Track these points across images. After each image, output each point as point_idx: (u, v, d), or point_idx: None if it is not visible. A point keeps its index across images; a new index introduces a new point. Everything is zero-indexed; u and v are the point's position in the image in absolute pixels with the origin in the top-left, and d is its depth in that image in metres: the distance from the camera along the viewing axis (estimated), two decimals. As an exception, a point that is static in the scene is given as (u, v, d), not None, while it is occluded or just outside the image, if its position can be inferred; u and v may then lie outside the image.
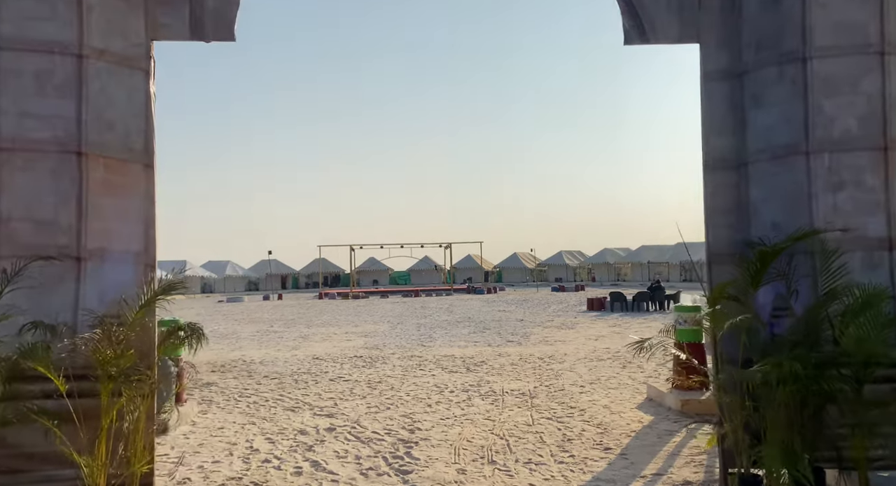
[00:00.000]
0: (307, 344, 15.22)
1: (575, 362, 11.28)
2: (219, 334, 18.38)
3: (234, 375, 10.56)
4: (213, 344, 15.97)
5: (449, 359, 11.95)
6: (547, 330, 17.33)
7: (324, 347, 14.56)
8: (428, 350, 13.43)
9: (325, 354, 13.17)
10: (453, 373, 10.28)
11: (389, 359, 12.17)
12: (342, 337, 16.80)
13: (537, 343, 14.31)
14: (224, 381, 9.92)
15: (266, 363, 11.88)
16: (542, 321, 20.31)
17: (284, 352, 13.69)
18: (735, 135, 4.68)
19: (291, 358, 12.58)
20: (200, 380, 10.03)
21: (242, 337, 17.45)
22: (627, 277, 63.76)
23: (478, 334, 16.57)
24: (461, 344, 14.46)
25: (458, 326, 19.41)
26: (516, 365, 10.97)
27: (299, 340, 16.34)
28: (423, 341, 15.38)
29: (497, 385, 9.06)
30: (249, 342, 15.94)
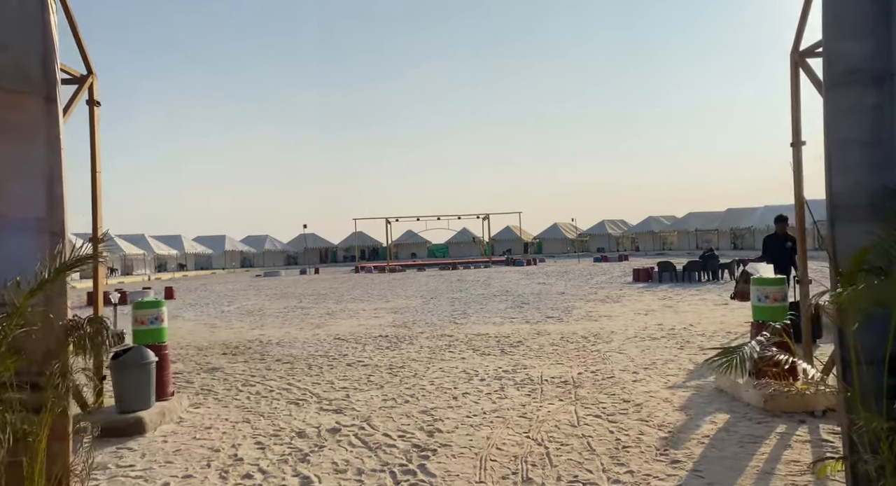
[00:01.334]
0: (332, 322, 14.29)
1: (624, 341, 9.96)
2: (245, 311, 17.70)
3: (246, 358, 9.65)
4: (234, 322, 15.31)
5: (482, 339, 10.78)
6: (590, 304, 15.96)
7: (349, 325, 13.59)
8: (460, 328, 12.29)
9: (348, 333, 12.18)
10: (486, 356, 9.10)
11: (417, 339, 11.08)
12: (370, 314, 15.82)
13: (580, 319, 12.99)
14: (232, 365, 9.00)
15: (283, 344, 10.96)
16: (584, 294, 18.91)
17: (306, 331, 12.77)
18: (877, 35, 3.23)
19: (311, 338, 11.62)
20: (208, 364, 9.15)
21: (267, 314, 16.69)
22: (674, 245, 61.22)
23: (515, 310, 15.34)
24: (496, 321, 13.27)
25: (495, 300, 18.21)
26: (557, 346, 9.72)
27: (325, 317, 15.44)
28: (456, 317, 14.25)
29: (535, 371, 7.84)
30: (273, 320, 15.13)
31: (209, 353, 10.27)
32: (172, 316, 17.64)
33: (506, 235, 71.38)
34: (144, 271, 54.16)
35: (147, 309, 6.24)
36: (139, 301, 6.33)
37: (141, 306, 6.25)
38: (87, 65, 5.82)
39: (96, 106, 5.85)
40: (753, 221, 50.76)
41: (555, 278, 27.78)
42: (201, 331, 13.45)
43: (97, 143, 5.85)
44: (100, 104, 5.90)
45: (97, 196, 5.86)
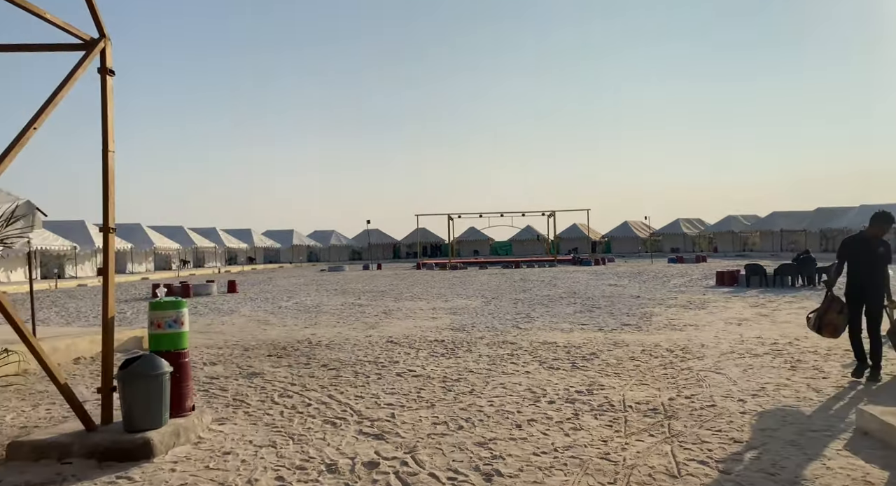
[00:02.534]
0: (387, 322, 13.42)
1: (719, 358, 8.50)
2: (301, 307, 17.17)
3: (290, 362, 8.85)
4: (289, 319, 14.73)
5: (549, 348, 9.57)
6: (672, 310, 14.37)
7: (404, 326, 12.66)
8: (524, 334, 11.11)
9: (402, 336, 11.25)
10: (554, 370, 7.90)
11: (476, 345, 10.00)
12: (428, 314, 14.87)
13: (662, 328, 11.53)
14: (274, 370, 8.21)
15: (333, 346, 10.14)
16: (663, 299, 17.25)
17: (359, 332, 11.94)
18: None
19: (363, 340, 10.76)
20: (249, 367, 8.40)
21: (323, 311, 16.05)
22: (756, 246, 57.33)
23: (585, 315, 13.99)
24: (565, 327, 11.99)
25: (562, 303, 16.87)
26: (638, 360, 8.39)
27: (381, 316, 14.60)
28: (520, 321, 13.07)
29: (615, 393, 6.59)
30: (328, 318, 14.43)
31: (254, 354, 9.57)
32: (229, 311, 17.45)
33: (572, 233, 69.16)
34: (215, 263, 55.73)
35: (165, 310, 5.44)
36: (155, 301, 5.55)
37: (158, 307, 5.46)
38: (100, 27, 5.05)
39: (109, 75, 5.08)
40: (847, 221, 46.59)
41: (627, 280, 26.00)
42: (252, 328, 12.88)
43: (110, 118, 5.08)
44: (113, 73, 5.13)
45: (109, 179, 5.08)
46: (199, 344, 10.63)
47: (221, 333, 12.23)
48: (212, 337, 11.59)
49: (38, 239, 33.49)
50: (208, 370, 8.25)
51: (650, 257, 52.89)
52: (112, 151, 5.11)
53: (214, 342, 10.86)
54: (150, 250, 45.17)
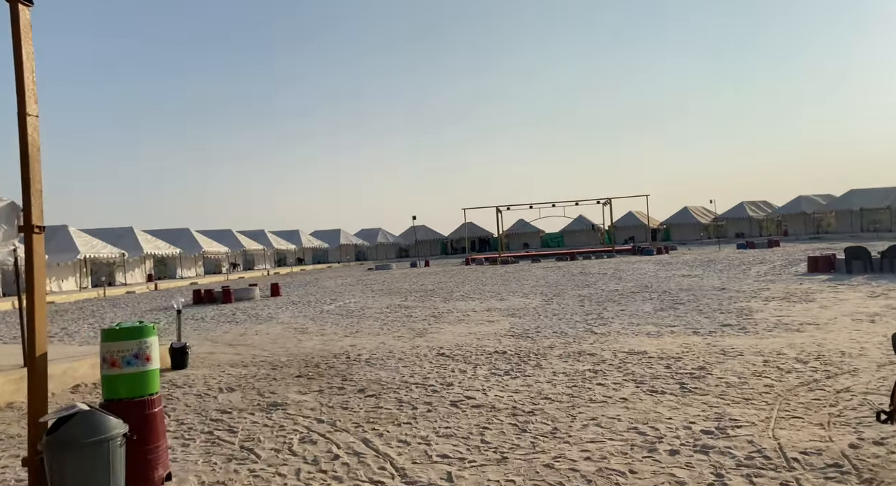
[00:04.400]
0: (437, 327, 11.72)
1: (877, 370, 6.40)
2: (345, 311, 15.69)
3: (322, 385, 7.25)
4: (329, 326, 13.19)
5: (641, 360, 7.65)
6: (773, 305, 12.13)
7: (456, 333, 10.93)
8: (603, 341, 9.20)
9: (455, 345, 9.52)
10: (659, 394, 6.00)
11: (547, 358, 8.17)
12: (483, 316, 13.09)
13: (773, 329, 9.40)
14: (300, 399, 6.61)
15: (374, 361, 8.50)
16: (754, 290, 14.93)
17: (405, 341, 10.28)
18: None
19: (409, 353, 9.08)
20: (272, 394, 6.83)
21: (367, 315, 14.50)
22: (831, 228, 52.94)
23: (669, 313, 11.92)
24: (651, 330, 10.01)
25: (636, 299, 14.80)
26: (767, 377, 6.38)
27: (430, 320, 12.92)
28: (593, 323, 11.14)
29: (760, 433, 4.66)
30: (371, 324, 12.86)
31: (281, 375, 8.03)
32: (267, 318, 16.16)
33: (628, 221, 65.98)
34: (264, 265, 55.53)
35: (120, 341, 3.85)
36: (108, 329, 3.97)
37: (111, 337, 3.87)
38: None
39: (24, 4, 3.51)
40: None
41: (701, 269, 23.52)
42: (288, 339, 11.42)
43: (26, 68, 3.50)
44: (31, 3, 3.56)
45: (30, 156, 3.52)
46: (222, 361, 9.20)
47: (252, 345, 10.81)
48: (240, 351, 10.16)
49: (86, 247, 33.49)
50: (222, 399, 6.73)
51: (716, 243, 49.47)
52: (32, 115, 3.54)
53: (241, 359, 9.41)
54: (199, 255, 45.09)
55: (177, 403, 6.60)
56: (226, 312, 17.77)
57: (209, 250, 46.02)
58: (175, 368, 8.63)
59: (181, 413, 6.17)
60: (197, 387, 7.38)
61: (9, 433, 5.79)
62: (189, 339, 12.20)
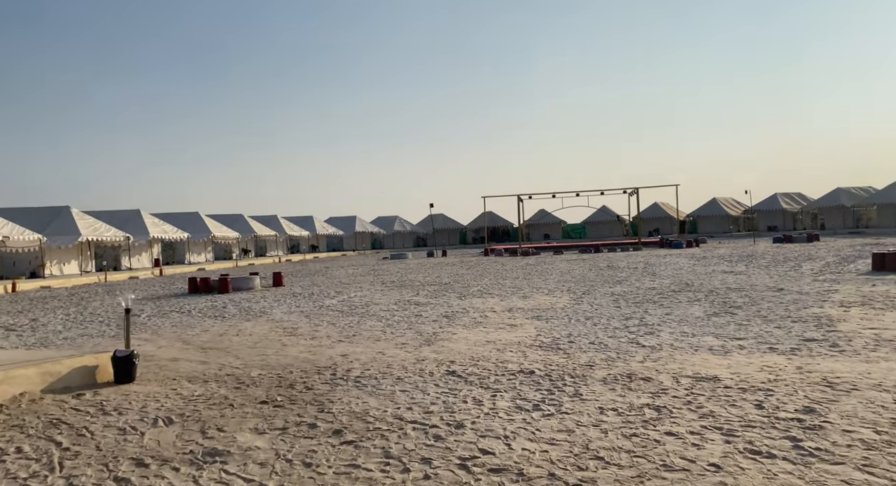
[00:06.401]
0: (449, 332, 9.86)
1: None
2: (348, 307, 13.91)
3: (290, 417, 5.43)
4: (323, 327, 11.05)
5: (714, 390, 5.72)
6: (856, 313, 10.05)
7: (472, 340, 9.06)
8: (655, 358, 7.26)
9: (469, 360, 7.64)
10: (765, 458, 4.07)
11: (587, 382, 6.27)
12: (504, 318, 11.20)
13: (875, 347, 7.38)
14: (253, 442, 4.79)
15: (364, 381, 6.67)
16: (820, 293, 12.81)
17: (409, 351, 8.44)
18: None
19: (412, 369, 7.23)
20: (220, 431, 5.04)
21: (371, 313, 12.70)
22: (871, 222, 49.90)
23: (727, 319, 9.92)
24: (713, 344, 8.04)
25: (679, 300, 12.78)
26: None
27: (441, 322, 11.06)
28: (636, 332, 9.19)
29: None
30: (373, 325, 11.04)
31: (244, 397, 6.24)
32: (258, 313, 14.36)
33: (653, 212, 63.40)
34: (276, 252, 54.16)
35: None
36: None
37: None
38: None
39: None
40: None
41: (742, 265, 21.33)
42: (270, 343, 9.65)
43: None
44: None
45: None
46: (181, 373, 7.45)
47: (226, 350, 9.06)
48: (208, 359, 8.41)
49: (88, 230, 32.19)
50: (149, 439, 4.94)
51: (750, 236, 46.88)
52: None
53: (205, 370, 7.65)
54: (208, 240, 43.73)
55: (85, 444, 4.82)
56: (217, 304, 16.10)
57: (219, 235, 44.65)
58: (119, 382, 6.89)
59: (82, 462, 4.39)
60: (128, 415, 5.61)
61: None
62: (162, 337, 10.52)
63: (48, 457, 4.49)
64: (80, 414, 5.64)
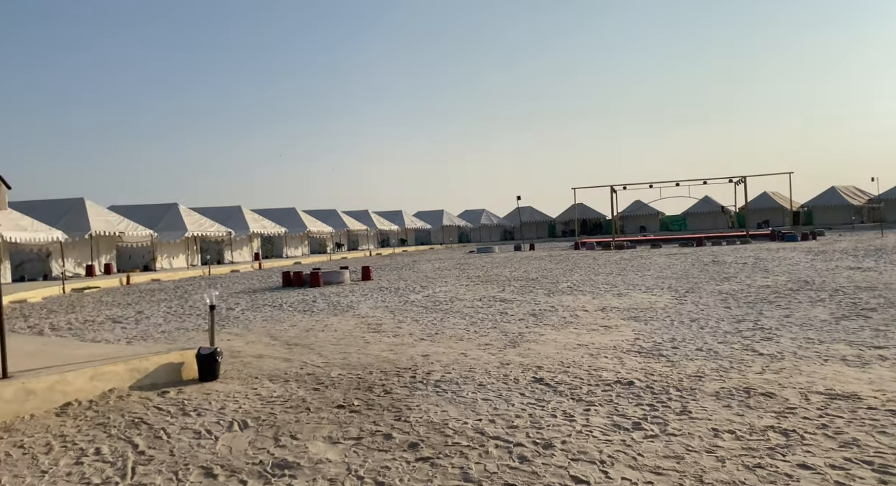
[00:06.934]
0: (536, 333, 9.25)
1: None
2: (432, 303, 13.63)
3: (366, 425, 5.09)
4: (406, 324, 10.46)
5: (855, 411, 4.81)
6: None
7: (562, 343, 8.41)
8: (777, 369, 6.31)
9: (559, 365, 7.02)
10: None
11: (696, 396, 5.50)
12: (596, 319, 10.43)
13: None
14: (325, 454, 4.49)
15: (445, 386, 6.24)
16: (975, 294, 10.98)
17: (493, 353, 7.94)
18: None
19: (496, 374, 6.72)
20: (293, 438, 4.80)
21: (455, 310, 12.33)
22: None
23: (858, 322, 8.65)
24: (844, 351, 6.93)
25: (798, 299, 11.41)
26: None
27: (528, 321, 10.47)
28: (750, 336, 8.17)
29: None
30: (456, 323, 10.64)
31: (321, 401, 6.00)
32: (345, 308, 14.39)
33: (761, 203, 58.89)
34: (367, 246, 55.38)
35: None
36: None
37: None
38: None
39: None
40: None
41: (871, 260, 19.02)
42: (354, 340, 9.48)
43: None
44: None
45: None
46: (264, 371, 7.37)
47: (310, 347, 8.96)
48: (292, 356, 8.33)
49: (194, 226, 34.16)
50: (222, 445, 4.76)
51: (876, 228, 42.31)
52: None
53: (287, 368, 7.54)
54: (304, 234, 45.39)
55: (160, 448, 4.71)
56: (308, 298, 16.36)
57: (314, 230, 46.19)
58: (203, 379, 6.89)
59: (153, 469, 4.26)
60: (206, 417, 5.51)
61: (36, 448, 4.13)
62: (252, 332, 10.67)
63: (123, 461, 4.40)
64: (161, 414, 5.61)
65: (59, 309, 15.98)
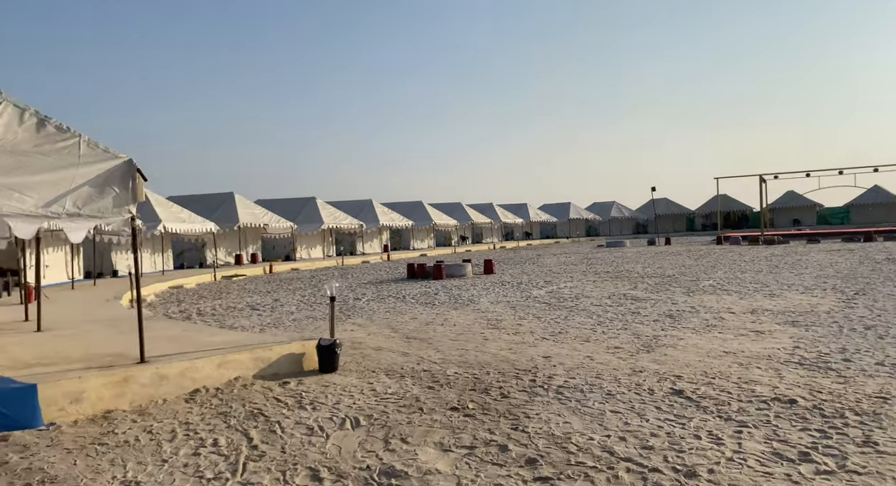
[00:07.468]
0: (673, 337, 8.33)
1: None
2: (556, 299, 13.01)
3: (479, 433, 4.71)
4: (527, 320, 10.17)
5: None
6: None
7: (704, 350, 7.46)
8: None
9: (701, 376, 6.16)
10: None
11: (884, 423, 4.48)
12: (745, 322, 9.23)
13: None
14: (434, 463, 4.16)
15: (568, 393, 5.68)
16: None
17: (623, 358, 7.20)
18: None
19: (626, 383, 6.03)
20: (398, 447, 4.54)
21: (580, 308, 11.61)
22: None
23: None
24: None
25: None
26: None
27: (664, 323, 9.52)
28: (953, 353, 6.68)
29: None
30: (582, 322, 9.95)
31: (435, 401, 5.71)
32: (466, 301, 14.12)
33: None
34: (491, 239, 55.28)
35: None
36: None
37: None
38: None
39: None
40: None
41: None
42: (473, 335, 9.16)
43: None
44: None
45: None
46: (381, 365, 7.26)
47: (428, 342, 8.77)
48: (410, 350, 8.18)
49: (330, 218, 35.96)
50: (332, 445, 4.61)
51: None
52: None
53: (404, 363, 7.38)
54: (430, 227, 46.25)
55: (273, 443, 4.65)
56: (430, 290, 16.38)
57: (439, 223, 46.89)
58: (322, 370, 6.91)
59: (262, 466, 4.17)
60: (320, 412, 5.42)
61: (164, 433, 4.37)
62: (374, 323, 10.75)
63: (236, 455, 4.38)
64: (279, 406, 5.62)
65: (208, 295, 17.39)
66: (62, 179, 5.45)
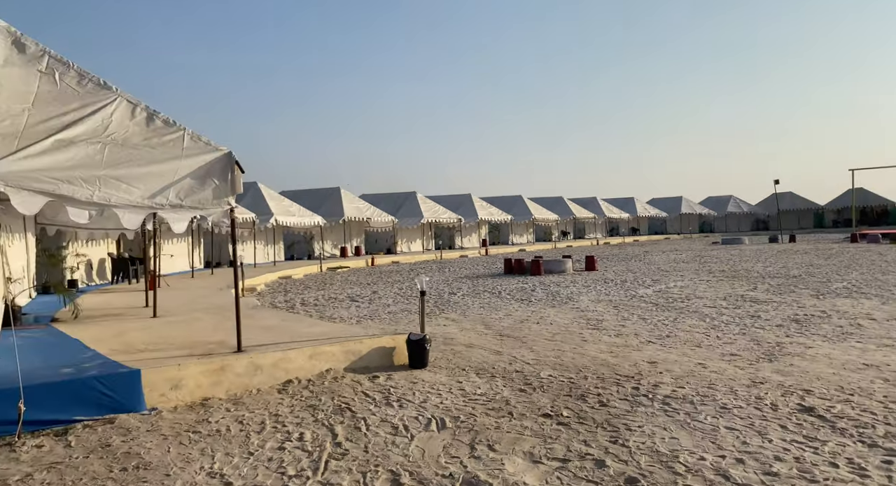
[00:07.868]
0: (800, 344, 7.39)
1: None
2: (664, 300, 12.17)
3: (574, 444, 4.32)
4: (631, 322, 9.46)
5: None
6: None
7: (838, 361, 6.53)
8: None
9: (836, 390, 5.35)
10: None
11: None
12: (890, 330, 8.05)
13: None
14: (522, 475, 3.84)
15: (676, 404, 5.13)
16: None
17: (741, 367, 6.46)
18: None
19: (745, 396, 5.35)
20: (480, 459, 4.27)
21: (692, 309, 10.73)
22: None
23: None
24: None
25: None
26: None
27: (789, 328, 8.53)
28: None
29: None
30: (693, 325, 9.16)
31: (527, 405, 5.37)
32: (565, 299, 13.50)
33: None
34: (595, 234, 53.49)
35: None
36: None
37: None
38: None
39: None
40: None
41: None
42: (570, 336, 8.68)
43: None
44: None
45: None
46: (472, 363, 7.01)
47: (522, 340, 8.41)
48: (503, 348, 7.86)
49: (429, 213, 36.30)
50: (416, 447, 4.42)
51: None
52: None
53: (496, 361, 7.08)
54: (529, 222, 45.46)
55: (357, 441, 4.53)
56: (527, 286, 15.93)
57: (539, 218, 45.99)
58: (412, 366, 6.78)
59: (344, 466, 4.05)
60: (407, 410, 5.26)
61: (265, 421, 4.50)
62: (468, 319, 10.54)
63: (319, 452, 4.30)
64: (367, 401, 5.53)
65: (313, 286, 18.03)
66: (167, 171, 5.67)
